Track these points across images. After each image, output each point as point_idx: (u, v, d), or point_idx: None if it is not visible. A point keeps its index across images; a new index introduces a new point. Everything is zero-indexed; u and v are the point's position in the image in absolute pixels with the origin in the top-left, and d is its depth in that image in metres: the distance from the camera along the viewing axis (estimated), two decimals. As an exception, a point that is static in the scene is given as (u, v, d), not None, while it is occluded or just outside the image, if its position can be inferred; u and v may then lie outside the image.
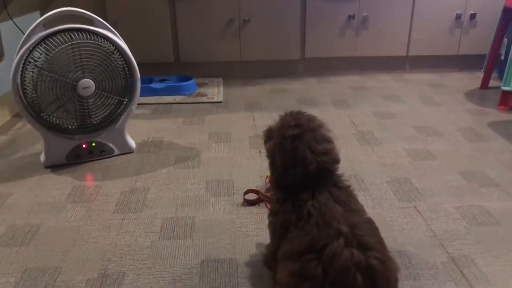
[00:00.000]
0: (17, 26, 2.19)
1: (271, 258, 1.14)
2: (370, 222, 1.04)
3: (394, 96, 2.58)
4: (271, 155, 1.10)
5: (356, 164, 1.78)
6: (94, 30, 1.70)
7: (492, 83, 2.71)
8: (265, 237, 1.32)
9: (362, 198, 1.53)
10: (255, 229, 1.38)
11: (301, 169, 1.03)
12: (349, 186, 1.08)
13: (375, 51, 2.94)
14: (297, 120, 1.07)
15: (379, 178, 1.67)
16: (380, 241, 1.00)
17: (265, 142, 1.15)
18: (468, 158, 1.82)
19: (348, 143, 1.97)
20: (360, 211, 1.06)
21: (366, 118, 2.26)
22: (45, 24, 1.66)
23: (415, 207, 1.49)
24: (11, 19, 2.18)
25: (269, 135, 1.13)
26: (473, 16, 2.88)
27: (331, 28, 2.86)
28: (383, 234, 1.01)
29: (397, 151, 1.89)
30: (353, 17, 2.84)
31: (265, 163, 1.13)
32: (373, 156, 1.85)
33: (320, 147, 1.05)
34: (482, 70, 2.70)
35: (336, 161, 1.08)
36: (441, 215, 1.44)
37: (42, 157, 1.80)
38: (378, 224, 1.02)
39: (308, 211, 1.01)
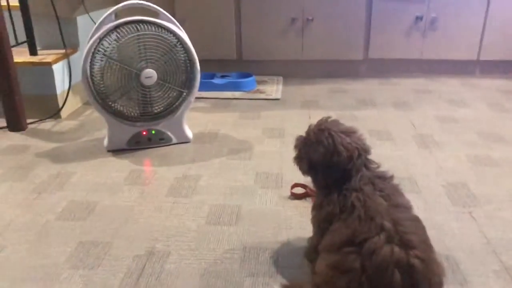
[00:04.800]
0: (92, 19, 2.33)
1: (312, 251, 1.14)
2: (416, 219, 1.01)
3: (459, 101, 2.47)
4: (303, 161, 1.13)
5: (411, 166, 1.73)
6: (159, 23, 1.78)
7: None
8: (308, 231, 1.31)
9: (414, 200, 1.46)
10: (299, 222, 1.38)
11: (345, 153, 1.03)
12: (392, 177, 1.05)
13: (443, 54, 2.83)
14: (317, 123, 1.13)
15: (434, 182, 1.61)
16: (425, 241, 0.97)
17: (299, 165, 1.17)
18: (535, 168, 1.71)
19: (405, 145, 1.91)
20: (405, 206, 1.03)
21: (427, 121, 2.18)
22: (116, 16, 1.76)
23: (469, 212, 1.42)
24: (87, 12, 2.34)
25: (299, 156, 1.16)
26: (554, 19, 2.69)
27: (397, 29, 2.79)
28: (433, 237, 0.98)
29: (457, 156, 1.81)
30: (421, 18, 2.75)
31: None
32: (431, 160, 1.78)
33: (347, 128, 1.09)
34: (561, 77, 2.52)
35: (367, 145, 1.08)
36: (498, 223, 1.36)
37: (105, 142, 1.91)
38: (428, 227, 0.99)
39: (352, 203, 1.00)
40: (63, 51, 2.29)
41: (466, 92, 2.62)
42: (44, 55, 2.25)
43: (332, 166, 1.05)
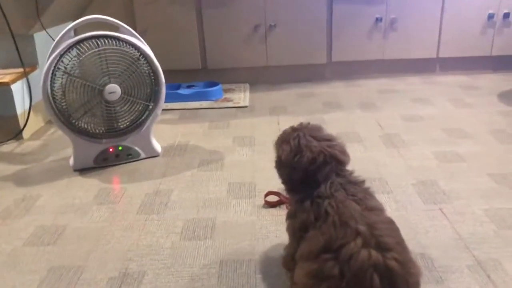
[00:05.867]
0: (50, 36, 2.27)
1: (290, 259, 1.13)
2: (390, 222, 1.02)
3: (423, 98, 2.53)
4: (278, 164, 1.12)
5: (381, 166, 1.75)
6: (120, 37, 1.74)
7: (527, 84, 2.61)
8: (285, 239, 1.30)
9: (386, 201, 1.50)
10: (275, 231, 1.37)
11: (308, 155, 1.04)
12: (363, 181, 1.06)
13: (404, 53, 2.89)
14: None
15: (404, 181, 1.63)
16: (400, 242, 0.98)
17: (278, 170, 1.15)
18: (499, 160, 1.76)
19: (373, 146, 1.94)
20: (378, 209, 1.03)
21: (393, 121, 2.22)
22: (75, 32, 1.72)
23: (440, 209, 1.45)
24: (44, 29, 2.27)
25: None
26: (506, 15, 2.79)
27: (358, 31, 2.84)
28: (406, 236, 0.99)
29: (424, 153, 1.85)
30: (381, 19, 2.80)
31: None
32: (399, 159, 1.81)
33: (322, 134, 1.08)
34: (517, 71, 2.61)
35: (344, 151, 1.08)
36: (468, 218, 1.39)
37: (71, 161, 1.86)
38: (401, 226, 0.99)
39: (326, 210, 1.00)
40: (21, 69, 2.21)
41: (428, 89, 2.69)
42: (1, 75, 2.18)
43: (295, 166, 1.06)
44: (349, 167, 1.11)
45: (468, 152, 1.84)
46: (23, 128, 2.17)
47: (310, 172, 1.04)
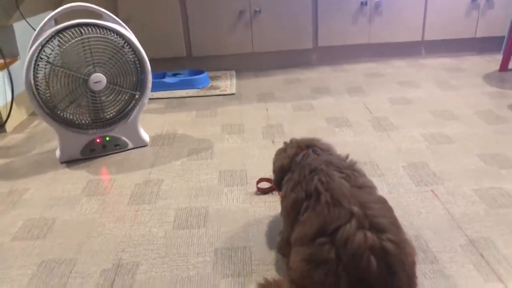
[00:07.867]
0: (30, 25, 2.21)
1: (284, 244, 1.13)
2: (382, 201, 1.01)
3: (410, 81, 2.53)
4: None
5: (371, 150, 1.75)
6: (104, 25, 1.70)
7: None
8: (279, 225, 1.30)
9: (378, 184, 1.50)
10: (268, 217, 1.37)
11: (286, 151, 1.19)
12: (347, 156, 1.10)
13: (389, 37, 2.89)
14: None
15: (395, 164, 1.64)
16: (394, 222, 0.97)
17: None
18: (487, 141, 1.77)
19: (363, 130, 1.93)
20: (368, 187, 1.03)
21: (381, 104, 2.22)
22: (56, 20, 1.67)
23: (432, 191, 1.45)
24: (24, 18, 2.21)
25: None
26: (490, -3, 2.80)
27: (344, 15, 2.82)
28: (400, 218, 0.99)
29: (414, 136, 1.85)
30: (366, 3, 2.79)
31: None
32: (389, 142, 1.81)
33: (303, 139, 1.23)
34: (501, 52, 2.63)
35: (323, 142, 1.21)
36: (459, 198, 1.40)
37: (58, 153, 1.82)
38: (394, 208, 0.99)
39: (316, 188, 1.00)
40: (1, 61, 2.16)
41: (414, 72, 2.69)
42: (-19, 67, 2.12)
43: (282, 170, 1.18)
44: (340, 151, 1.13)
45: (456, 134, 1.85)
46: (5, 121, 2.12)
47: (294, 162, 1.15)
